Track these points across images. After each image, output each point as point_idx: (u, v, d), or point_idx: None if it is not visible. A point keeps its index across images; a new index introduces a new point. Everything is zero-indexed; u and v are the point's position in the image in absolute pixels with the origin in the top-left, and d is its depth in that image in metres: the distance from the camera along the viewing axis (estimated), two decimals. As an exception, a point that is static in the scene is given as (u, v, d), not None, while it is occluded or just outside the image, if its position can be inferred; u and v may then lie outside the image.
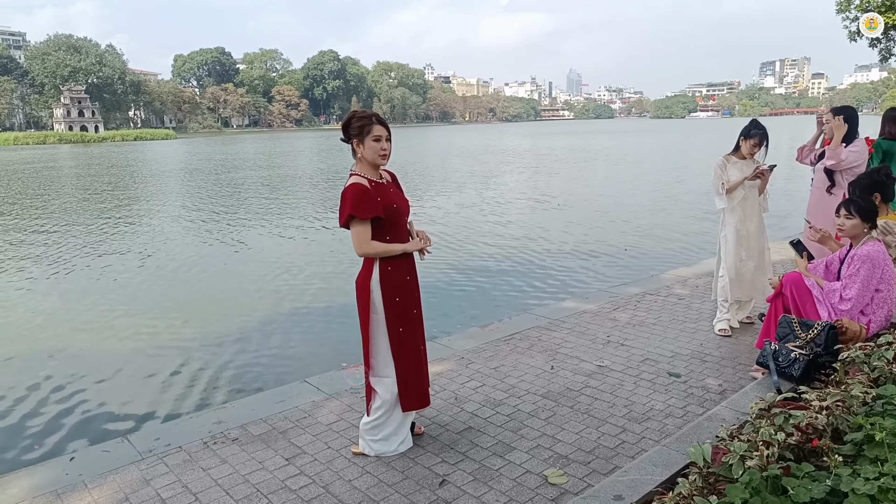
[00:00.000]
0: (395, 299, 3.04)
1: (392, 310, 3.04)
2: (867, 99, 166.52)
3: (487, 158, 36.55)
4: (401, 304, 3.06)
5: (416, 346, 3.14)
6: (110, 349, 6.33)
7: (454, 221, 13.83)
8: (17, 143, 78.87)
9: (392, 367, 3.10)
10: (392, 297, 3.03)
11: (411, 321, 3.12)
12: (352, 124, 2.98)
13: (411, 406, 3.17)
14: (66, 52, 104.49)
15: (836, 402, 2.47)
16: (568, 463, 3.09)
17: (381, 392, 3.13)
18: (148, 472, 3.13)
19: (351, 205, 2.88)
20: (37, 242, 12.49)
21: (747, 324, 5.06)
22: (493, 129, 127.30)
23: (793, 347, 3.57)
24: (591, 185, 21.83)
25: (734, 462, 2.08)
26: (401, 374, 3.10)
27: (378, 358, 3.11)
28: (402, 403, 3.14)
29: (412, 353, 3.13)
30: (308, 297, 8.11)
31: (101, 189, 23.43)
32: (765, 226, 5.03)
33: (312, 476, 3.06)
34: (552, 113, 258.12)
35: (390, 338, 3.07)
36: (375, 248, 2.98)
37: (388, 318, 3.05)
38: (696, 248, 10.43)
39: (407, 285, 3.08)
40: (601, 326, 5.17)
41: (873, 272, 3.65)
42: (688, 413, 3.58)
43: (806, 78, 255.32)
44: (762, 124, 4.84)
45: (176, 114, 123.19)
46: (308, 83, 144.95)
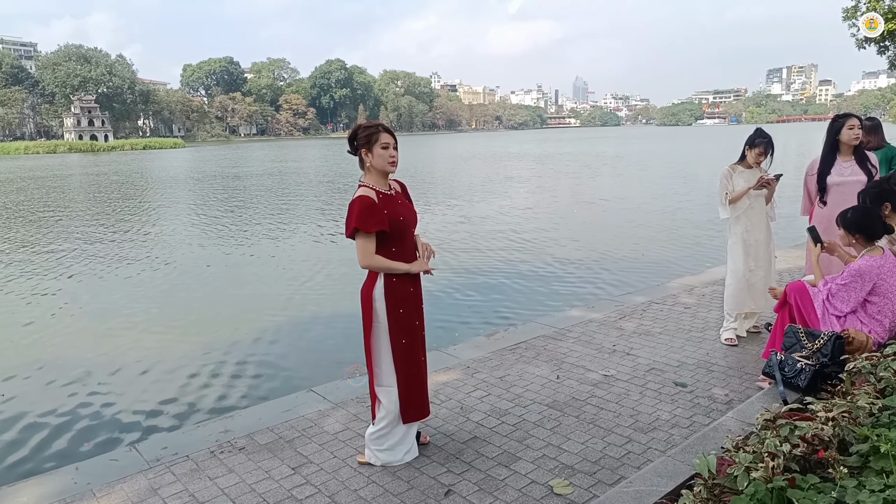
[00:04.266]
0: (399, 311, 3.06)
1: (395, 321, 3.06)
2: (875, 106, 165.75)
3: (494, 165, 36.61)
4: (404, 316, 3.07)
5: (417, 358, 3.15)
6: (117, 357, 6.36)
7: (459, 229, 13.85)
8: (28, 151, 79.66)
9: (395, 378, 3.12)
10: (396, 308, 3.05)
11: (413, 333, 3.13)
12: (359, 135, 3.02)
13: (412, 417, 3.18)
14: (77, 62, 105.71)
15: (843, 413, 2.46)
16: (573, 473, 3.09)
17: (385, 402, 3.15)
18: (155, 480, 3.15)
19: (357, 218, 2.91)
20: (43, 251, 12.60)
21: (754, 333, 5.04)
22: (499, 136, 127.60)
23: (799, 357, 3.56)
24: (596, 192, 21.81)
25: (739, 473, 2.08)
26: (402, 385, 3.11)
27: (381, 367, 3.13)
28: (403, 415, 3.15)
29: (414, 364, 3.14)
30: (315, 306, 8.14)
31: (113, 198, 23.62)
32: (772, 234, 5.02)
33: (318, 485, 3.07)
34: (558, 120, 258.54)
35: (393, 349, 3.08)
36: (378, 263, 3.00)
37: (392, 329, 3.06)
38: (702, 256, 10.40)
39: (410, 297, 3.10)
40: (607, 335, 5.16)
41: (863, 285, 3.66)
42: (694, 423, 3.57)
43: (813, 85, 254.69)
44: (767, 133, 4.82)
45: (184, 122, 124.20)
46: (315, 92, 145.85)
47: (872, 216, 3.81)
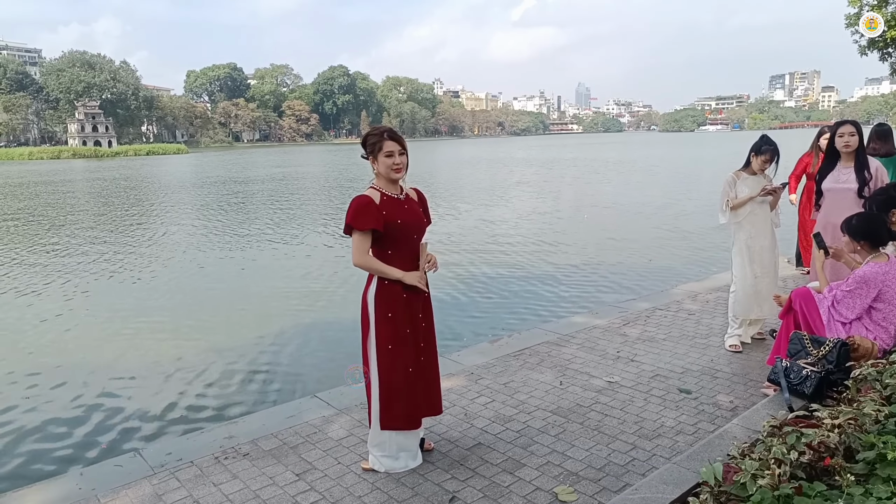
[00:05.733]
0: (388, 315, 3.04)
1: (383, 325, 3.04)
2: (878, 112, 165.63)
3: (502, 170, 36.64)
4: (393, 321, 3.04)
5: (403, 366, 3.08)
6: (121, 363, 6.37)
7: (464, 235, 13.86)
8: (32, 157, 79.98)
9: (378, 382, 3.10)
10: (384, 312, 3.04)
11: (403, 340, 3.07)
12: (367, 142, 3.08)
13: (392, 426, 3.12)
14: (81, 68, 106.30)
15: (849, 420, 2.45)
16: (578, 480, 3.08)
17: (375, 406, 3.15)
18: (160, 486, 3.16)
19: (350, 215, 2.97)
20: (50, 253, 12.64)
21: (759, 339, 5.03)
22: (502, 142, 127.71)
23: (804, 364, 3.55)
24: (599, 198, 21.80)
25: (746, 481, 2.08)
26: (384, 391, 3.08)
27: (373, 369, 3.11)
28: (381, 420, 3.11)
29: (398, 371, 3.07)
30: (319, 311, 8.14)
31: (128, 203, 23.70)
32: (777, 241, 5.01)
33: (323, 492, 3.06)
34: (561, 126, 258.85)
35: (378, 353, 3.06)
36: (370, 264, 3.02)
37: (378, 332, 3.05)
38: (706, 262, 10.38)
39: (401, 303, 3.06)
40: (611, 342, 5.15)
41: (868, 292, 3.65)
42: (699, 430, 3.56)
43: (816, 91, 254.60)
44: (773, 140, 4.81)
45: (188, 128, 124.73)
46: (318, 98, 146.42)
47: (877, 222, 3.81)
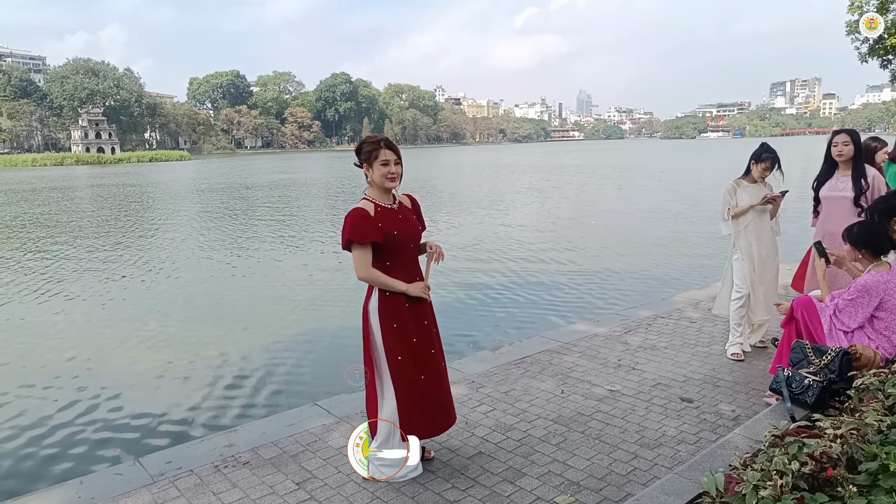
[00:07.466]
0: (393, 325, 3.04)
1: (389, 336, 3.04)
2: (879, 119, 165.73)
3: (507, 176, 36.67)
4: (398, 331, 3.05)
5: (415, 375, 3.09)
6: (120, 371, 6.36)
7: (463, 243, 13.86)
8: (36, 164, 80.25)
9: (394, 392, 3.10)
10: (389, 323, 3.04)
11: (411, 349, 3.08)
12: (362, 149, 3.07)
13: (413, 432, 3.13)
14: (85, 75, 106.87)
15: (851, 430, 2.43)
16: (579, 490, 3.06)
17: (385, 415, 3.14)
18: (159, 495, 3.14)
19: (349, 229, 2.96)
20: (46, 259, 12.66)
21: (760, 348, 5.01)
22: (503, 149, 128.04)
23: (806, 374, 3.53)
24: (601, 204, 21.81)
25: (747, 492, 2.06)
26: (401, 401, 3.09)
27: (382, 380, 3.12)
28: (402, 429, 3.12)
29: (413, 382, 3.09)
30: (320, 319, 8.13)
31: (139, 209, 23.76)
32: (777, 249, 5.00)
33: (323, 501, 3.05)
34: (562, 133, 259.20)
35: (389, 365, 3.07)
36: (375, 277, 3.01)
37: (386, 344, 3.05)
38: (707, 270, 10.36)
39: (406, 313, 3.06)
40: (612, 350, 5.14)
41: (870, 301, 3.64)
42: (700, 439, 3.55)
43: (817, 98, 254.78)
44: (772, 147, 4.81)
45: (190, 135, 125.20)
46: (320, 105, 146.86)
47: (879, 231, 3.80)
